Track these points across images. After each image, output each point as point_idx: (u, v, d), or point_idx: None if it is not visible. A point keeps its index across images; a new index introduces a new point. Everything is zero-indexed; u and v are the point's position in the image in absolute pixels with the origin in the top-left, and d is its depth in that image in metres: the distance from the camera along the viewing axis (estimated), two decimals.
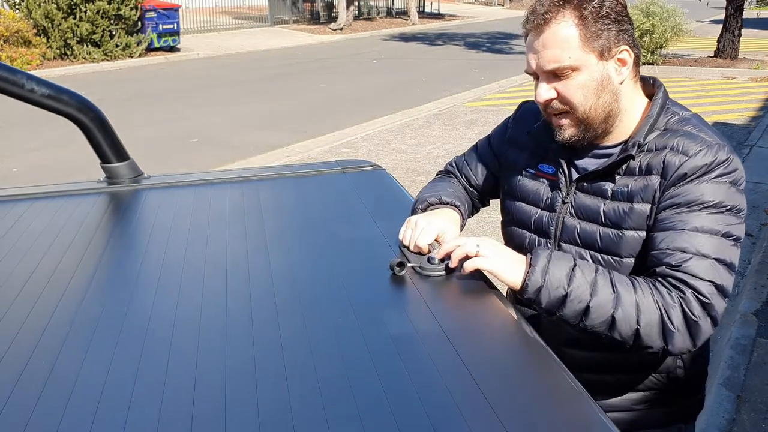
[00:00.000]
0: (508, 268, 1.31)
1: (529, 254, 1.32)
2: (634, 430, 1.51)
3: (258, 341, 1.11)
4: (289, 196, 1.91)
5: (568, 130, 1.40)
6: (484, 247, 1.32)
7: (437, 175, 1.79)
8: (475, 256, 1.31)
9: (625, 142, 1.41)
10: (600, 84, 1.36)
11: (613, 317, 1.26)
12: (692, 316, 1.25)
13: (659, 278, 1.29)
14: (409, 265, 1.35)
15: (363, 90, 11.47)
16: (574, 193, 1.46)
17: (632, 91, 1.42)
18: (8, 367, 1.07)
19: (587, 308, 1.26)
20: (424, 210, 1.57)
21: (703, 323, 1.25)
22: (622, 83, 1.39)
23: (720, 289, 1.27)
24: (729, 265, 1.29)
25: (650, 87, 1.47)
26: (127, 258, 1.52)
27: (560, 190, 1.48)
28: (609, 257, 1.41)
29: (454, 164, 1.76)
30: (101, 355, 1.09)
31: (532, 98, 1.52)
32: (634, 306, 1.26)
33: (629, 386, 1.50)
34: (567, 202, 1.47)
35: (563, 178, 1.48)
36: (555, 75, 1.36)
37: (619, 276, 1.30)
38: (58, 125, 3.53)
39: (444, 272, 1.34)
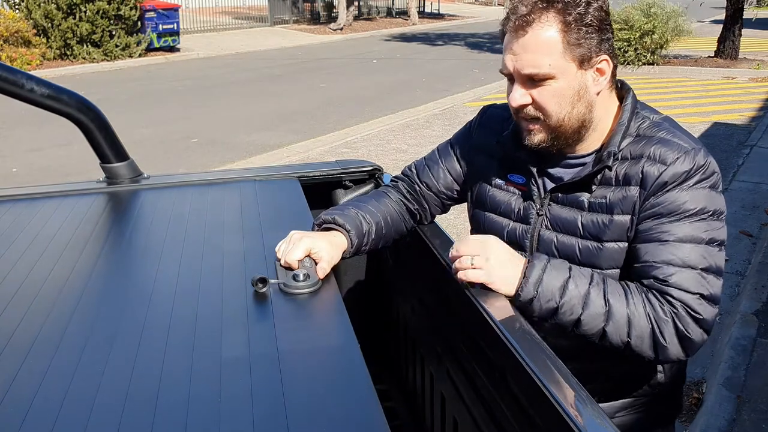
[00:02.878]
0: (499, 279, 1.30)
1: (526, 261, 1.31)
2: None
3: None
4: (285, 198, 1.91)
5: (537, 136, 1.37)
6: (478, 259, 1.31)
7: (391, 180, 1.74)
8: (471, 268, 1.31)
9: (599, 151, 1.38)
10: (576, 93, 1.32)
11: (604, 330, 1.27)
12: (685, 332, 1.25)
13: (651, 291, 1.29)
14: (272, 281, 1.30)
15: (363, 90, 11.47)
16: (549, 204, 1.43)
17: (607, 100, 1.39)
18: (5, 364, 1.07)
19: (578, 320, 1.27)
20: (319, 226, 1.53)
21: (695, 337, 1.26)
22: (598, 93, 1.36)
23: (709, 299, 1.27)
24: (716, 271, 1.29)
25: (619, 90, 1.43)
26: (126, 258, 1.52)
27: (533, 202, 1.45)
28: (589, 269, 1.38)
29: (413, 169, 1.70)
30: (97, 354, 1.10)
31: (501, 102, 1.49)
32: (625, 320, 1.26)
33: (611, 395, 1.49)
34: (542, 215, 1.44)
35: (536, 189, 1.44)
36: (531, 80, 1.32)
37: (612, 286, 1.29)
38: (58, 125, 3.53)
39: (307, 290, 1.30)
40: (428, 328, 1.73)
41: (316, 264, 1.39)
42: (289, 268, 1.37)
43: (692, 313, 1.25)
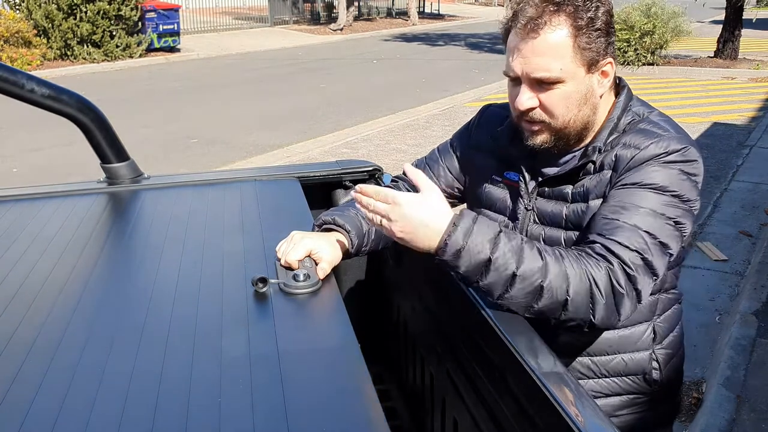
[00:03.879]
0: (417, 235, 1.22)
1: (452, 215, 1.24)
2: None
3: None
4: (285, 198, 1.91)
5: (540, 137, 1.37)
6: (394, 211, 1.23)
7: (391, 180, 1.74)
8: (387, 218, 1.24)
9: (586, 146, 1.39)
10: (584, 97, 1.33)
11: (541, 286, 1.20)
12: (618, 287, 1.21)
13: (588, 246, 1.26)
14: (272, 281, 1.30)
15: (363, 90, 11.47)
16: (536, 199, 1.44)
17: (606, 100, 1.41)
18: (6, 364, 1.07)
19: (513, 276, 1.20)
20: (320, 227, 1.53)
21: (627, 295, 1.21)
22: (601, 96, 1.37)
23: (648, 264, 1.23)
24: (662, 245, 1.25)
25: (616, 86, 1.44)
26: (126, 258, 1.53)
27: (521, 197, 1.46)
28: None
29: None
30: (98, 354, 1.10)
31: (501, 102, 1.49)
32: (563, 275, 1.20)
33: (608, 391, 1.49)
34: (530, 209, 1.45)
35: (523, 185, 1.46)
36: (539, 83, 1.31)
37: (544, 246, 1.26)
38: (58, 126, 3.54)
39: (307, 290, 1.29)
40: (428, 328, 1.73)
41: (316, 264, 1.39)
42: (289, 268, 1.37)
43: (627, 269, 1.21)
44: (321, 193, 2.11)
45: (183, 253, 1.49)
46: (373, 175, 2.13)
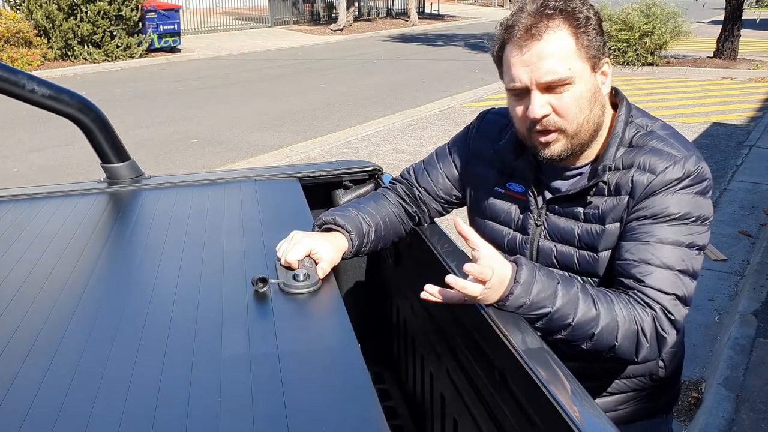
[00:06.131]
0: (491, 299, 1.27)
1: (513, 265, 1.27)
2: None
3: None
4: (285, 198, 1.91)
5: (556, 146, 1.34)
6: (484, 293, 1.25)
7: (390, 182, 1.74)
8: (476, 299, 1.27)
9: (594, 163, 1.39)
10: (593, 96, 1.33)
11: (593, 334, 1.27)
12: (662, 332, 1.28)
13: (625, 290, 1.30)
14: (272, 281, 1.31)
15: (363, 90, 11.47)
16: (546, 215, 1.44)
17: (607, 105, 1.40)
18: (6, 364, 1.08)
19: (569, 326, 1.27)
20: (320, 227, 1.54)
21: (669, 337, 1.29)
22: (604, 96, 1.38)
23: (683, 299, 1.30)
24: (692, 275, 1.31)
25: (613, 97, 1.44)
26: (127, 257, 1.53)
27: (531, 212, 1.46)
28: (588, 278, 1.40)
29: (411, 172, 1.69)
30: (98, 354, 1.10)
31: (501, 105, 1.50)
32: (615, 323, 1.27)
33: (614, 390, 1.51)
34: (540, 225, 1.45)
35: (533, 200, 1.45)
36: (548, 89, 1.30)
37: (596, 291, 1.31)
38: (58, 126, 3.55)
39: (307, 290, 1.30)
40: (428, 328, 1.73)
41: (316, 264, 1.39)
42: (289, 268, 1.37)
43: (668, 314, 1.28)
44: (321, 193, 2.11)
45: (183, 252, 1.50)
46: (373, 176, 2.13)
